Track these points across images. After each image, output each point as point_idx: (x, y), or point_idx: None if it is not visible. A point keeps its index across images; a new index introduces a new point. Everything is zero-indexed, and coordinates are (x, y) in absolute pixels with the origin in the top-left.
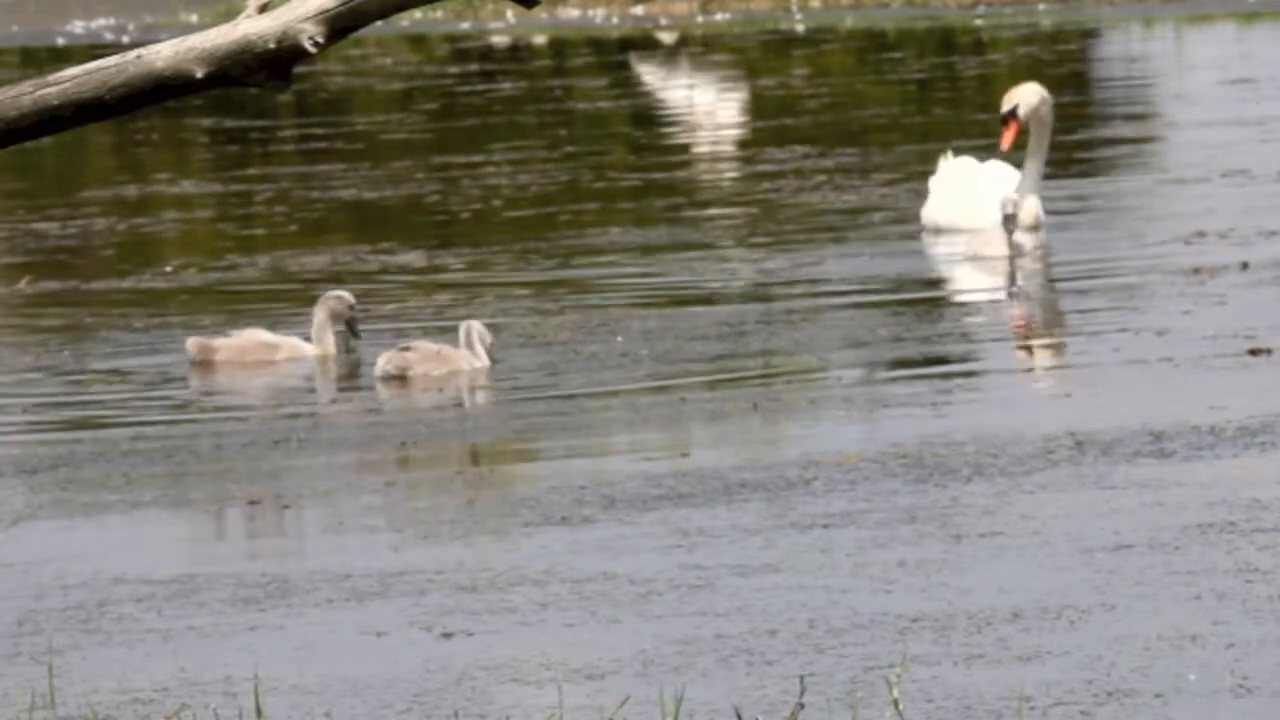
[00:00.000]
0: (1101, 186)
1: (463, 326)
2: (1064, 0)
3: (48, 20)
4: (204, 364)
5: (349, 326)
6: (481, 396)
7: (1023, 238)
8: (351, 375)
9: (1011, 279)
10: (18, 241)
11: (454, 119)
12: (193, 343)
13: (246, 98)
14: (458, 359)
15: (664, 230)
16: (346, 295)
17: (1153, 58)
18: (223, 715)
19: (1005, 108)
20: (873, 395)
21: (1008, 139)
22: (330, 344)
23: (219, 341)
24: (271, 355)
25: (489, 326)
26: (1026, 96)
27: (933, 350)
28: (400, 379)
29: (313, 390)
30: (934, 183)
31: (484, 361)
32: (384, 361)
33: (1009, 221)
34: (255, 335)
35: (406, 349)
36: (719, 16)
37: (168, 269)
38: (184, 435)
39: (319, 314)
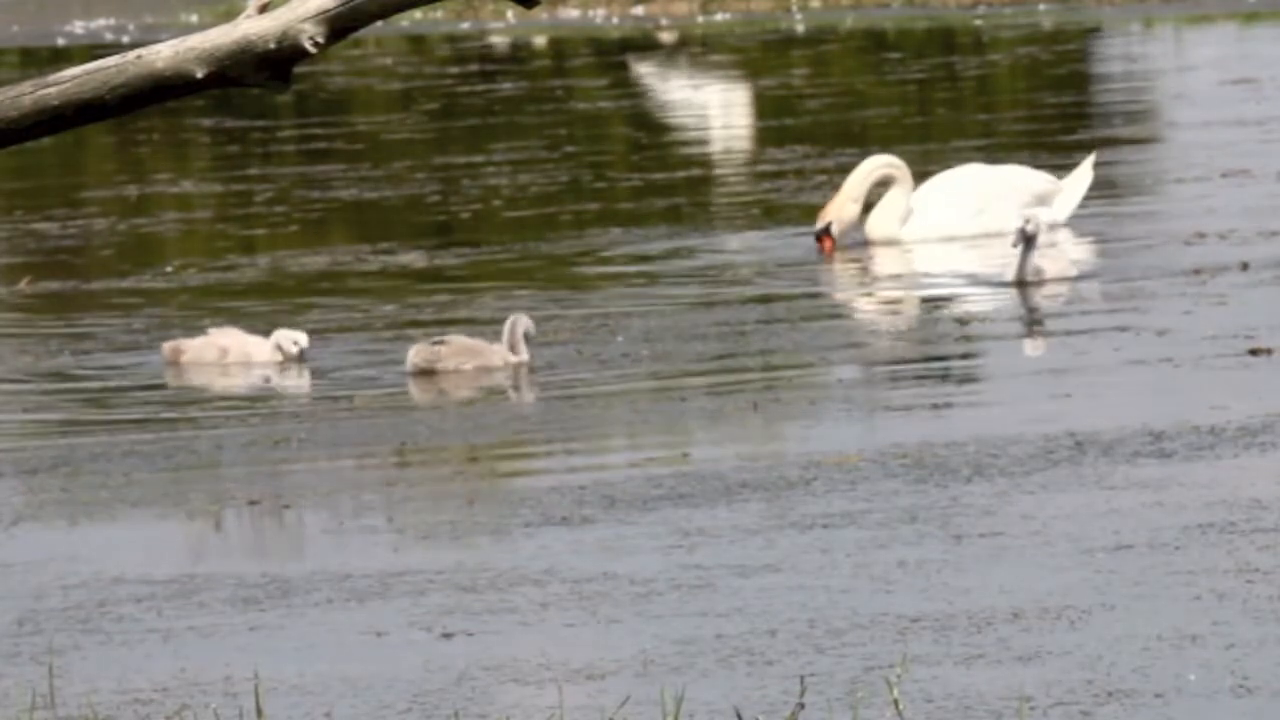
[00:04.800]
0: (1101, 186)
1: (509, 320)
2: (1064, 0)
3: (48, 20)
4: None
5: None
6: (481, 396)
7: (1041, 261)
8: (354, 376)
9: (1018, 286)
10: (18, 241)
11: (454, 119)
12: (167, 347)
13: (246, 98)
14: (490, 354)
15: (664, 230)
16: (289, 343)
17: (1153, 58)
18: (223, 715)
19: (819, 225)
20: (873, 395)
21: (827, 252)
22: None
23: (185, 343)
24: (223, 359)
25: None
26: (841, 212)
27: (933, 350)
28: (429, 373)
29: (312, 390)
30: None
31: (524, 357)
32: (413, 354)
33: (1026, 241)
34: (217, 339)
35: (439, 342)
36: (719, 16)
37: (168, 269)
38: (184, 436)
39: (274, 335)
